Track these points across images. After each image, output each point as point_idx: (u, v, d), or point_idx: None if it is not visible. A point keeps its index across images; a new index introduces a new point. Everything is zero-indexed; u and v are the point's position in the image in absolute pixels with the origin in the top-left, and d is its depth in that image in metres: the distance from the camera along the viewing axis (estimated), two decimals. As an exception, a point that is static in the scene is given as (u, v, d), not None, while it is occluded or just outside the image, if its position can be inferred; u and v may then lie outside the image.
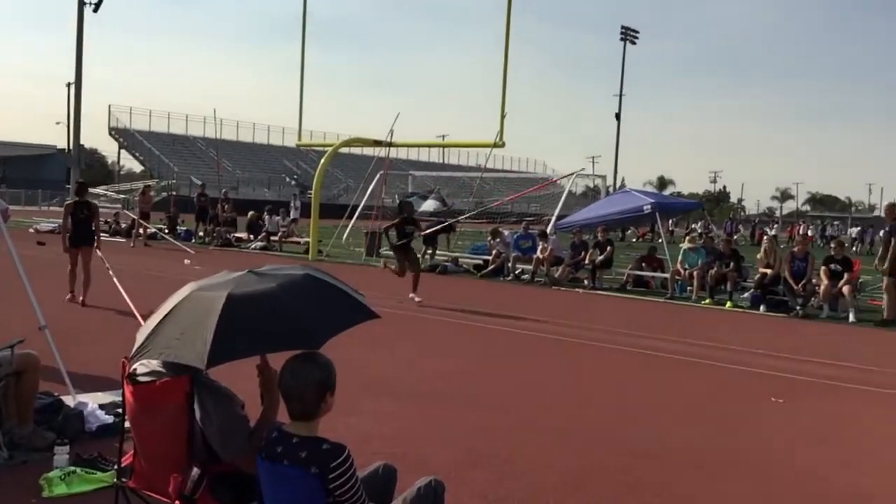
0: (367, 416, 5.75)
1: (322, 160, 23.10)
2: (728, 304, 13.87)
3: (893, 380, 8.11)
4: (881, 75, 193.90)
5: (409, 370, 7.66)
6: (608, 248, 16.25)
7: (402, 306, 11.74)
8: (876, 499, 4.72)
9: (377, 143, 21.86)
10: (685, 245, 15.97)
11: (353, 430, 5.10)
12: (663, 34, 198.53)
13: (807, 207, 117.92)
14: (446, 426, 5.75)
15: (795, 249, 13.75)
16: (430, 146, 41.57)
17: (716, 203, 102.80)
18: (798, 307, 12.88)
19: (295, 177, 66.52)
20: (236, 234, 23.69)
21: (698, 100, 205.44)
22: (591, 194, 59.13)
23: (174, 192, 35.49)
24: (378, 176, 22.28)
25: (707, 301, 14.20)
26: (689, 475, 4.94)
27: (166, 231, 23.66)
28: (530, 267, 16.88)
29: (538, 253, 16.77)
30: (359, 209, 23.44)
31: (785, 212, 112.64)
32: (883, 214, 16.25)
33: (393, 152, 23.50)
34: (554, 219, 20.69)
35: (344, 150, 50.01)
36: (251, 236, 23.08)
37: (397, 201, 14.85)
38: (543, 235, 17.25)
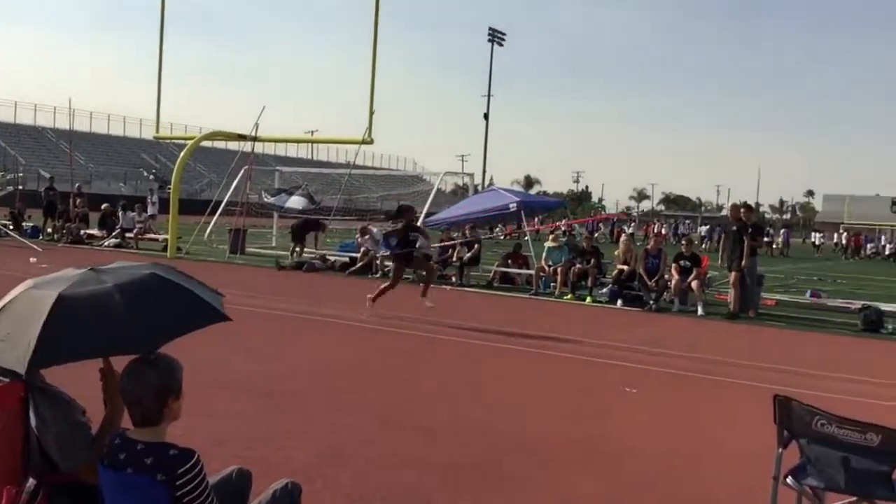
0: (223, 417, 5.56)
1: (182, 153, 22.22)
2: (588, 299, 14.38)
3: (738, 370, 8.63)
4: (725, 82, 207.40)
5: (270, 369, 7.48)
6: (475, 245, 16.48)
7: (259, 304, 11.46)
8: (718, 481, 4.99)
9: (241, 137, 21.27)
10: (549, 243, 16.44)
11: (208, 434, 4.91)
12: (530, 36, 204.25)
13: (661, 207, 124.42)
14: (309, 426, 5.64)
15: (649, 247, 14.44)
16: (297, 142, 40.75)
17: (578, 202, 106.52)
18: (651, 301, 13.53)
19: (154, 171, 63.78)
20: (88, 231, 22.41)
21: (563, 101, 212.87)
22: (461, 192, 59.90)
23: (21, 187, 33.14)
24: (242, 171, 21.66)
25: (569, 296, 14.67)
26: (551, 466, 5.06)
27: (11, 227, 22.09)
28: (399, 264, 16.86)
29: (406, 250, 16.78)
30: (222, 205, 22.71)
31: (641, 210, 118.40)
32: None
33: (260, 147, 22.89)
34: (422, 216, 20.78)
35: (208, 144, 48.40)
36: (104, 233, 21.89)
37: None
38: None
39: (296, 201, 20.92)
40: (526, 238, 19.95)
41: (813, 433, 3.41)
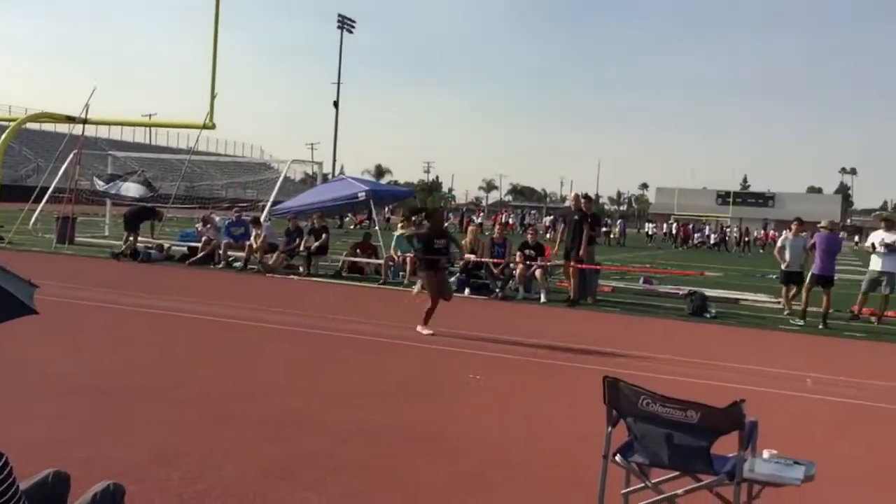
0: (43, 419, 5.13)
1: (3, 136, 20.51)
2: (436, 287, 14.50)
3: (577, 354, 8.95)
4: (568, 79, 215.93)
5: (99, 366, 7.01)
6: (323, 234, 16.25)
7: (90, 297, 10.77)
8: (553, 464, 5.13)
9: (70, 120, 19.87)
10: (398, 232, 16.45)
11: (25, 437, 4.53)
12: (381, 25, 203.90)
13: (509, 197, 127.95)
14: (136, 424, 5.32)
15: (494, 236, 14.76)
16: (133, 125, 38.71)
17: (428, 192, 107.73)
18: (497, 290, 13.85)
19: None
20: None
21: (416, 91, 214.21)
22: (310, 181, 58.98)
23: None
24: (71, 155, 20.27)
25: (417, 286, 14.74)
26: (390, 454, 5.02)
27: None
28: (243, 254, 16.39)
29: (251, 240, 16.35)
30: (49, 191, 21.16)
31: (490, 201, 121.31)
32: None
33: (92, 130, 21.51)
34: (269, 205, 20.28)
35: (35, 126, 44.89)
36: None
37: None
38: (256, 222, 16.84)
39: (131, 188, 19.84)
40: (376, 228, 19.91)
41: (639, 412, 3.55)
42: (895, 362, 9.13)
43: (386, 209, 45.97)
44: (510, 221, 55.22)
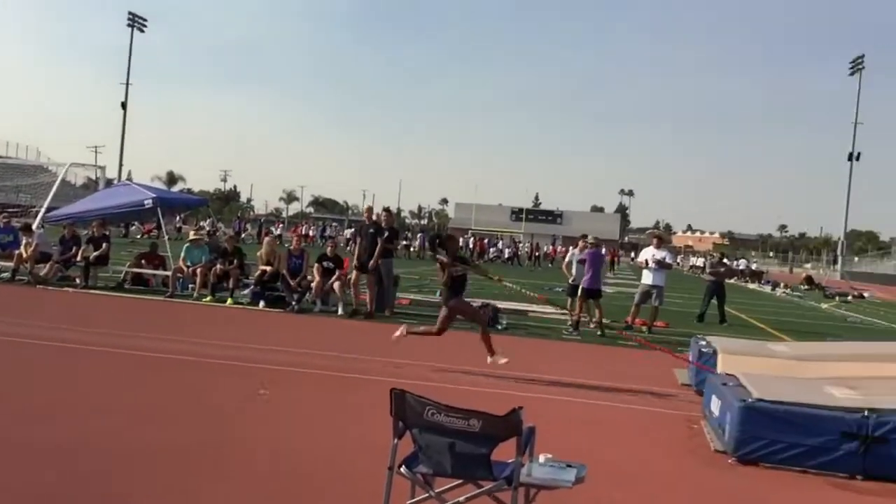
0: None
1: None
2: (229, 300, 14.00)
3: (372, 366, 8.95)
4: (372, 93, 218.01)
5: None
6: (104, 244, 15.16)
7: None
8: (341, 477, 5.07)
9: None
10: (188, 242, 15.71)
11: None
12: (177, 25, 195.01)
13: (311, 209, 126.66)
14: None
15: (291, 247, 14.48)
16: None
17: (225, 201, 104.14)
18: (294, 302, 13.58)
19: None
20: None
21: (212, 97, 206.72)
22: (94, 186, 55.13)
23: None
24: None
25: (208, 298, 14.14)
26: (176, 472, 4.73)
27: None
28: (11, 264, 14.94)
29: (21, 248, 14.94)
30: None
31: (291, 212, 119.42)
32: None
33: None
34: (43, 211, 18.66)
35: None
36: None
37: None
38: (27, 229, 15.45)
39: None
40: (165, 237, 18.89)
41: (424, 422, 3.58)
42: (664, 369, 9.93)
43: (177, 218, 43.80)
44: (311, 233, 54.67)
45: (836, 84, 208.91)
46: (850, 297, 34.39)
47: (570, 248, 16.86)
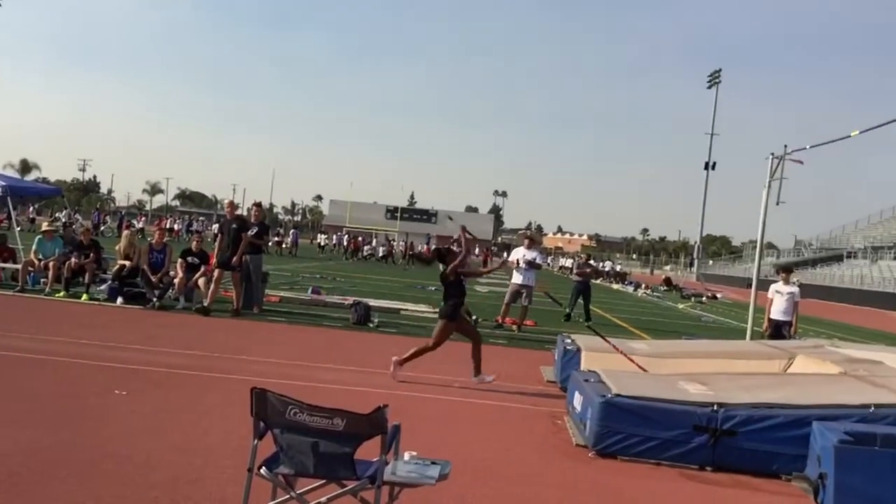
0: None
1: None
2: (84, 296, 13.24)
3: (236, 364, 8.67)
4: (246, 85, 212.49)
5: None
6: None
7: None
8: (197, 480, 4.87)
9: None
10: (40, 234, 14.76)
11: None
12: (34, 3, 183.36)
13: (177, 202, 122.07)
14: None
15: (153, 241, 13.86)
16: None
17: (84, 192, 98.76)
18: (155, 299, 13.00)
19: None
20: None
21: (71, 82, 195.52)
22: (-65, 173, 51.17)
23: None
24: None
25: (62, 294, 13.33)
26: (22, 477, 4.38)
27: None
28: None
29: None
30: None
31: (155, 205, 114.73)
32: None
33: None
34: None
35: None
36: None
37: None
38: None
39: None
40: (18, 228, 17.69)
41: (286, 422, 3.48)
42: (531, 366, 10.15)
43: (30, 209, 41.19)
44: (176, 228, 52.70)
45: (695, 96, 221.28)
46: (704, 298, 36.46)
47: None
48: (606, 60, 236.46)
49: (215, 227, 53.87)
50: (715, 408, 6.26)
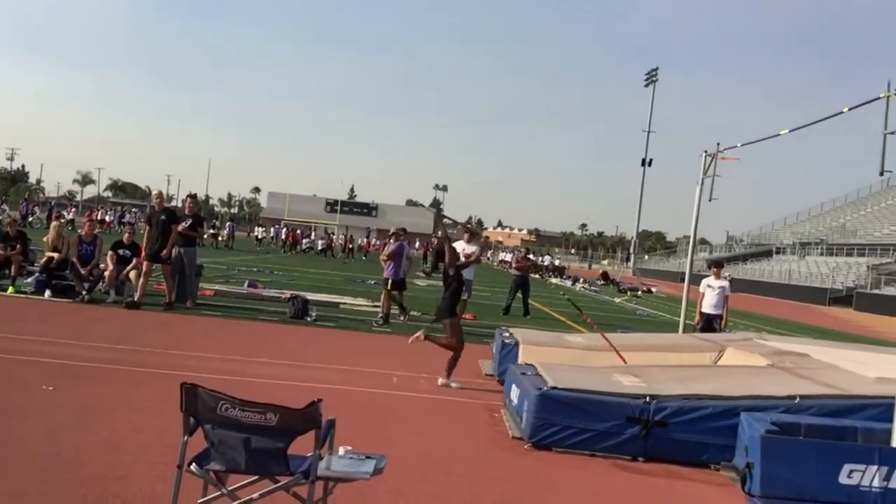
0: None
1: None
2: (11, 289, 12.77)
3: (168, 359, 8.48)
4: (183, 74, 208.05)
5: None
6: None
7: None
8: (126, 477, 4.75)
9: None
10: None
11: None
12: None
13: (109, 193, 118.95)
14: None
15: (83, 233, 13.45)
16: None
17: (12, 182, 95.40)
18: (84, 292, 12.62)
19: None
20: None
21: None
22: None
23: None
24: None
25: (-15, 287, 12.84)
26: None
27: None
28: None
29: None
30: None
31: (86, 196, 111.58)
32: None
33: None
34: None
35: None
36: None
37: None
38: None
39: None
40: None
41: (218, 418, 3.41)
42: (468, 360, 10.16)
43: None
44: (108, 219, 51.35)
45: (632, 94, 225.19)
46: (640, 292, 37.20)
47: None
48: (546, 57, 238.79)
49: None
50: (648, 399, 6.38)
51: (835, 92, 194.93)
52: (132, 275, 12.90)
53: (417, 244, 55.12)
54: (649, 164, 77.45)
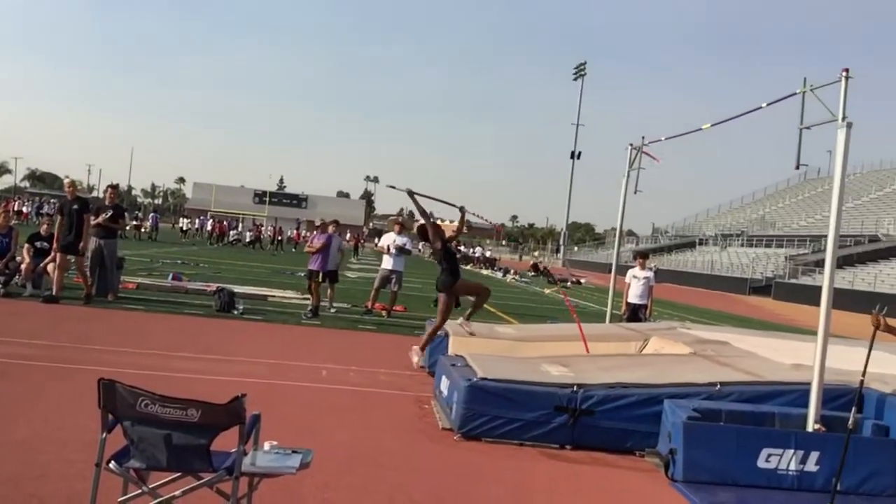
0: None
1: None
2: (-83, 283, 12.17)
3: (86, 354, 8.22)
4: (100, 61, 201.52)
5: None
6: None
7: None
8: (44, 476, 4.58)
9: None
10: None
11: None
12: None
13: (26, 183, 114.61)
14: None
15: (-2, 224, 12.90)
16: None
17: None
18: (0, 285, 12.12)
19: None
20: None
21: None
22: None
23: None
24: None
25: None
26: None
27: None
28: None
29: None
30: None
31: (2, 186, 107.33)
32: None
33: None
34: None
35: None
36: None
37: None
38: None
39: None
40: None
41: (137, 414, 3.31)
42: (399, 352, 10.14)
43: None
44: (25, 210, 49.44)
45: (562, 87, 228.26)
46: (569, 283, 37.75)
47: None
48: (477, 48, 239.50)
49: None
50: (575, 388, 6.48)
51: (738, 89, 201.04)
52: (49, 268, 12.44)
53: (348, 236, 54.79)
54: (578, 157, 78.71)
